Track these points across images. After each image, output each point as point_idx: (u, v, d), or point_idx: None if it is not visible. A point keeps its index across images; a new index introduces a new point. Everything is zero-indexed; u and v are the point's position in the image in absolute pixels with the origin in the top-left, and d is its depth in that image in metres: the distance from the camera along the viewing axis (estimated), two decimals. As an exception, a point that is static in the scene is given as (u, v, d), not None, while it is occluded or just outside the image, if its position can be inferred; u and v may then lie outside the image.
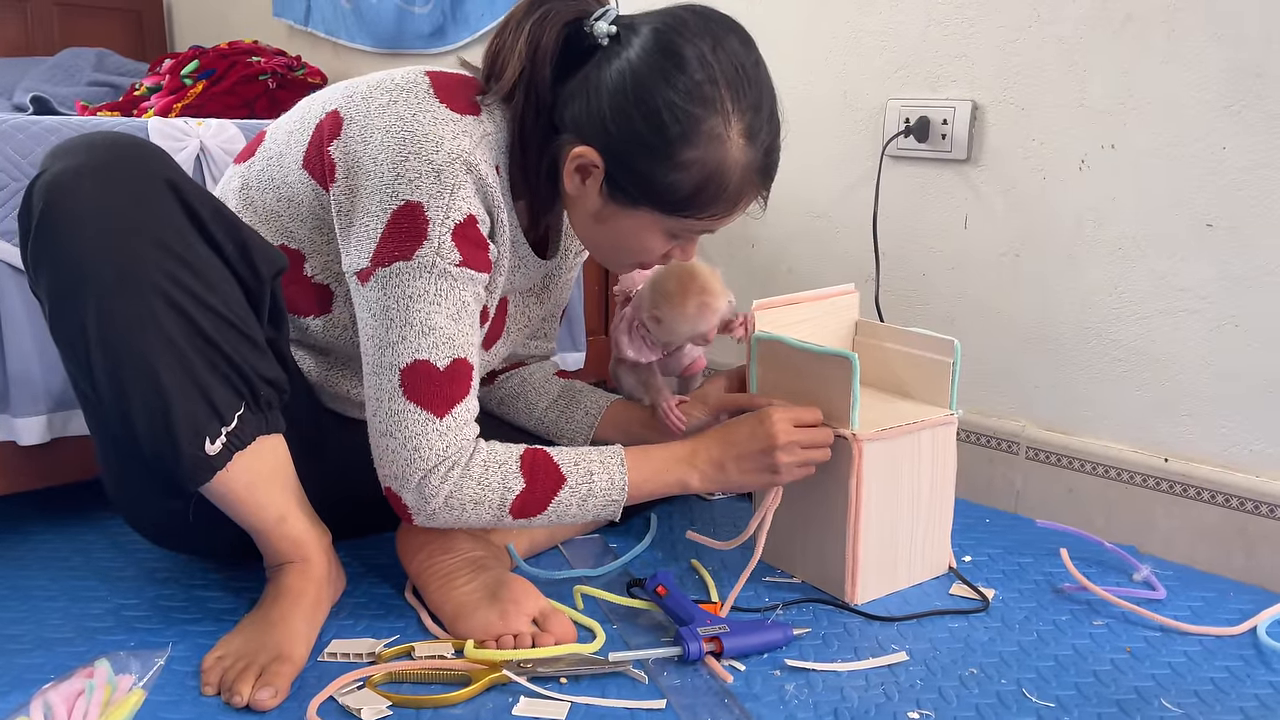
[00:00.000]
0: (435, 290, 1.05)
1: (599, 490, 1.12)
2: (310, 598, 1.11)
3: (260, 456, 1.07)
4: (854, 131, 1.67)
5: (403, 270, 1.04)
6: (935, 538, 1.30)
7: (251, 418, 1.05)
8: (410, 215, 1.04)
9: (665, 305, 1.28)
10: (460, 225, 1.05)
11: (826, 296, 1.38)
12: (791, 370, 1.26)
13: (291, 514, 1.12)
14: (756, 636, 1.11)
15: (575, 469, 1.12)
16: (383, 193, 1.05)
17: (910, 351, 1.34)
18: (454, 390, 1.06)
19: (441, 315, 1.05)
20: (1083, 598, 1.26)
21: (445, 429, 1.05)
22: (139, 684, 0.91)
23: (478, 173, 1.06)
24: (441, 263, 1.05)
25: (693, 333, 1.29)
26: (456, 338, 1.06)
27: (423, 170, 1.04)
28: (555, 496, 1.10)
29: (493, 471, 1.08)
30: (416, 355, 1.05)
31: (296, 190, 1.13)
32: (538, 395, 1.40)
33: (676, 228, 1.11)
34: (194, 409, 0.99)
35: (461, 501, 1.07)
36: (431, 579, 1.18)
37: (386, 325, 1.05)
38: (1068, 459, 1.48)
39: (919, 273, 1.62)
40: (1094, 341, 1.45)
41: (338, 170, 1.09)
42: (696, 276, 1.27)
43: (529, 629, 1.11)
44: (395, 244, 1.04)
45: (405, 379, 1.05)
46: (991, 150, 1.52)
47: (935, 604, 1.24)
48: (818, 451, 1.19)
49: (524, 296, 1.30)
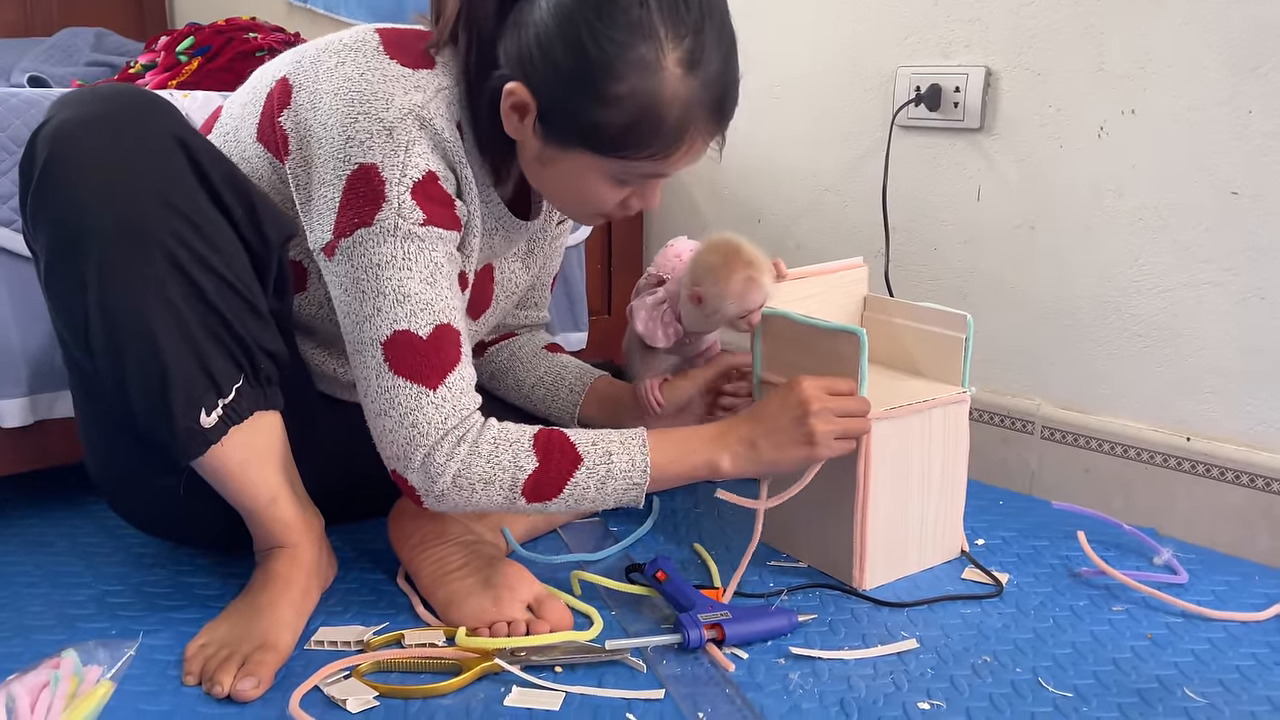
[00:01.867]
0: (404, 254, 0.99)
1: (618, 472, 1.04)
2: (299, 585, 1.07)
3: (256, 433, 1.03)
4: (863, 101, 1.62)
5: (365, 237, 0.99)
6: (947, 520, 1.25)
7: (250, 391, 1.01)
8: (365, 178, 0.99)
9: (708, 280, 1.19)
10: (420, 183, 1.00)
11: (834, 271, 1.33)
12: (797, 346, 1.21)
13: (283, 496, 1.08)
14: (760, 623, 1.07)
15: (593, 449, 1.04)
16: (335, 159, 1.00)
17: (921, 327, 1.29)
18: (443, 358, 1.00)
19: (415, 280, 1.00)
20: (1101, 582, 1.21)
21: (441, 400, 1.00)
22: (107, 675, 0.87)
23: (432, 128, 1.01)
24: (405, 224, 0.99)
25: (739, 311, 1.19)
26: (435, 302, 1.01)
27: (374, 130, 0.99)
28: (571, 478, 1.03)
29: (503, 449, 1.01)
30: (395, 326, 0.99)
31: (254, 165, 1.08)
32: (525, 371, 1.37)
33: (619, 171, 1.03)
34: (191, 377, 0.96)
35: (470, 481, 1.00)
36: (424, 565, 1.14)
37: (359, 299, 1.00)
38: (1085, 438, 1.43)
39: (930, 246, 1.57)
40: (1113, 316, 1.39)
41: (290, 141, 1.04)
42: (742, 250, 1.19)
43: (523, 616, 1.07)
44: (354, 211, 0.99)
45: (389, 353, 0.99)
46: (1006, 118, 1.46)
47: (947, 589, 1.19)
48: (856, 421, 1.10)
49: (509, 262, 1.25)
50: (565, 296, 1.87)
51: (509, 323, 1.39)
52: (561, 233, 1.35)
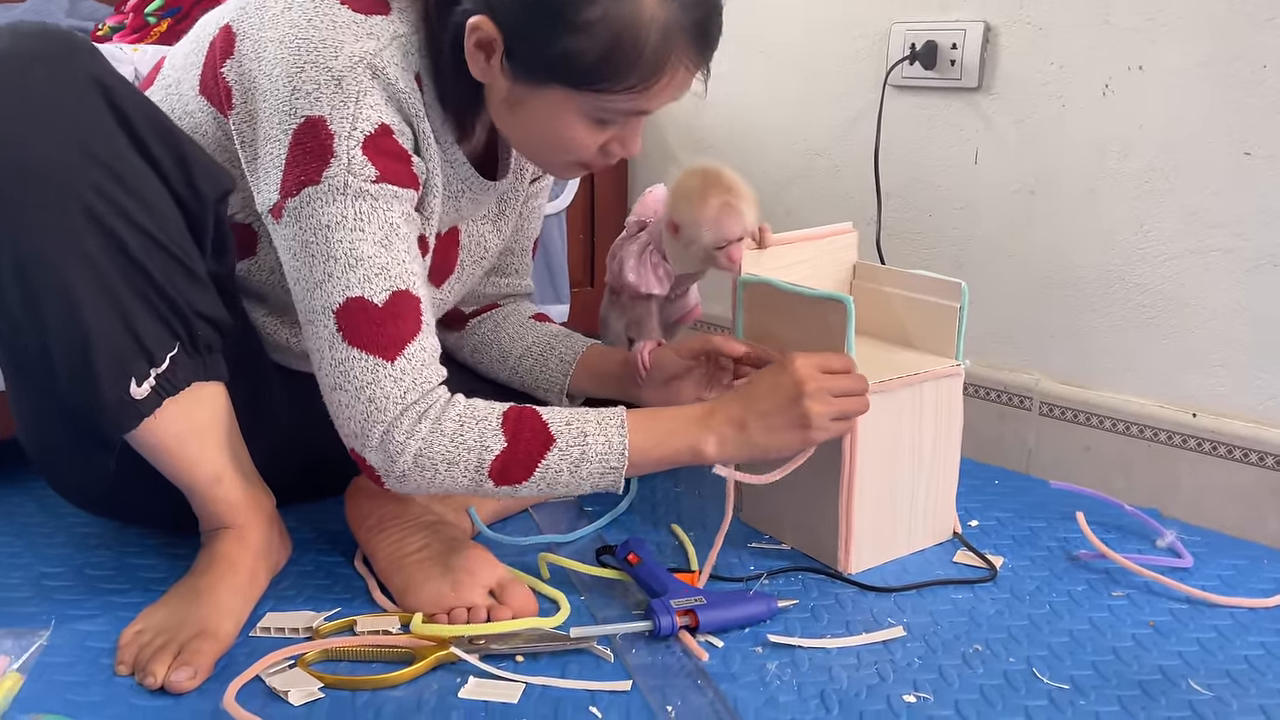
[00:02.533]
0: (355, 214, 0.92)
1: (593, 454, 0.96)
2: (245, 568, 1.01)
3: (195, 405, 0.96)
4: (855, 60, 1.54)
5: (313, 196, 0.92)
6: (938, 501, 1.18)
7: (186, 360, 0.94)
8: (312, 132, 0.91)
9: (684, 206, 1.13)
10: (371, 136, 0.92)
11: (822, 236, 1.26)
12: (780, 316, 1.14)
13: (229, 474, 1.01)
14: (736, 609, 1.00)
15: (567, 429, 0.96)
16: (281, 112, 0.92)
17: (913, 296, 1.21)
18: (401, 328, 0.93)
19: (368, 242, 0.92)
20: (1100, 566, 1.14)
21: (400, 372, 0.92)
22: (14, 666, 0.81)
23: (385, 78, 0.93)
24: (356, 181, 0.91)
25: (715, 239, 1.12)
26: (391, 266, 0.93)
27: (321, 80, 0.91)
28: (542, 460, 0.95)
29: (469, 428, 0.94)
30: (348, 293, 0.92)
31: (198, 120, 1.01)
32: (511, 343, 1.28)
33: (595, 108, 0.95)
34: (118, 343, 0.88)
35: (433, 460, 0.93)
36: (381, 546, 1.07)
37: (309, 264, 0.93)
38: (1085, 415, 1.36)
39: (925, 213, 1.49)
40: (1116, 285, 1.32)
41: (234, 94, 0.97)
42: (721, 176, 1.13)
43: (484, 601, 1.00)
44: (301, 168, 0.92)
45: (342, 321, 0.92)
46: (1005, 76, 1.38)
47: (937, 573, 1.13)
48: (853, 401, 1.02)
49: (478, 226, 1.18)
50: (545, 267, 1.80)
51: (489, 292, 1.31)
52: (537, 193, 1.27)
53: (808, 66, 1.60)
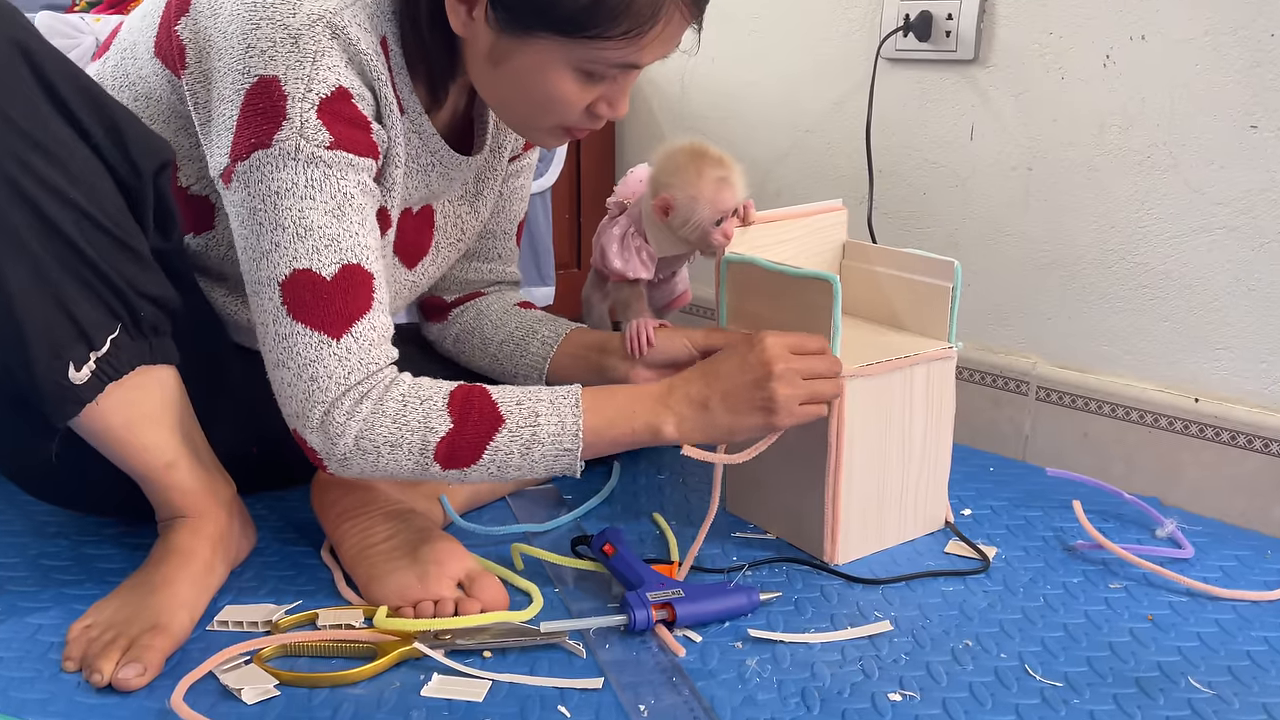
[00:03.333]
0: (306, 181, 0.87)
1: (545, 436, 0.92)
2: (201, 559, 0.96)
3: (143, 390, 0.92)
4: (847, 33, 1.48)
5: (263, 160, 0.87)
6: (930, 489, 1.14)
7: (130, 343, 0.89)
8: (265, 93, 0.86)
9: (677, 183, 1.08)
10: (327, 100, 0.87)
11: (809, 214, 1.21)
12: (765, 296, 1.09)
13: (183, 460, 0.97)
14: (716, 603, 0.96)
15: (517, 409, 0.93)
16: (234, 71, 0.88)
17: (904, 276, 1.16)
18: (350, 304, 0.89)
19: (318, 211, 0.88)
20: (1098, 557, 1.10)
21: (345, 351, 0.88)
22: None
23: (346, 37, 0.88)
24: (308, 146, 0.87)
25: (713, 214, 1.08)
26: (342, 238, 0.89)
27: (277, 37, 0.86)
28: (491, 441, 0.91)
29: (412, 408, 0.90)
30: (295, 264, 0.87)
31: (151, 84, 0.96)
32: (494, 329, 1.22)
33: (586, 59, 0.90)
34: (52, 325, 0.83)
35: (375, 443, 0.89)
36: (347, 536, 1.03)
37: (256, 232, 0.88)
38: (1084, 399, 1.31)
39: (918, 191, 1.44)
40: (1116, 265, 1.27)
41: (188, 52, 0.92)
42: (709, 150, 1.09)
43: (452, 594, 0.96)
44: (251, 130, 0.87)
45: (287, 294, 0.88)
46: (1003, 47, 1.33)
47: (928, 564, 1.08)
48: (825, 384, 0.98)
49: (454, 205, 1.13)
50: (530, 248, 1.75)
51: (471, 279, 1.25)
52: (518, 172, 1.22)
53: (797, 40, 1.55)
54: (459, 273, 1.24)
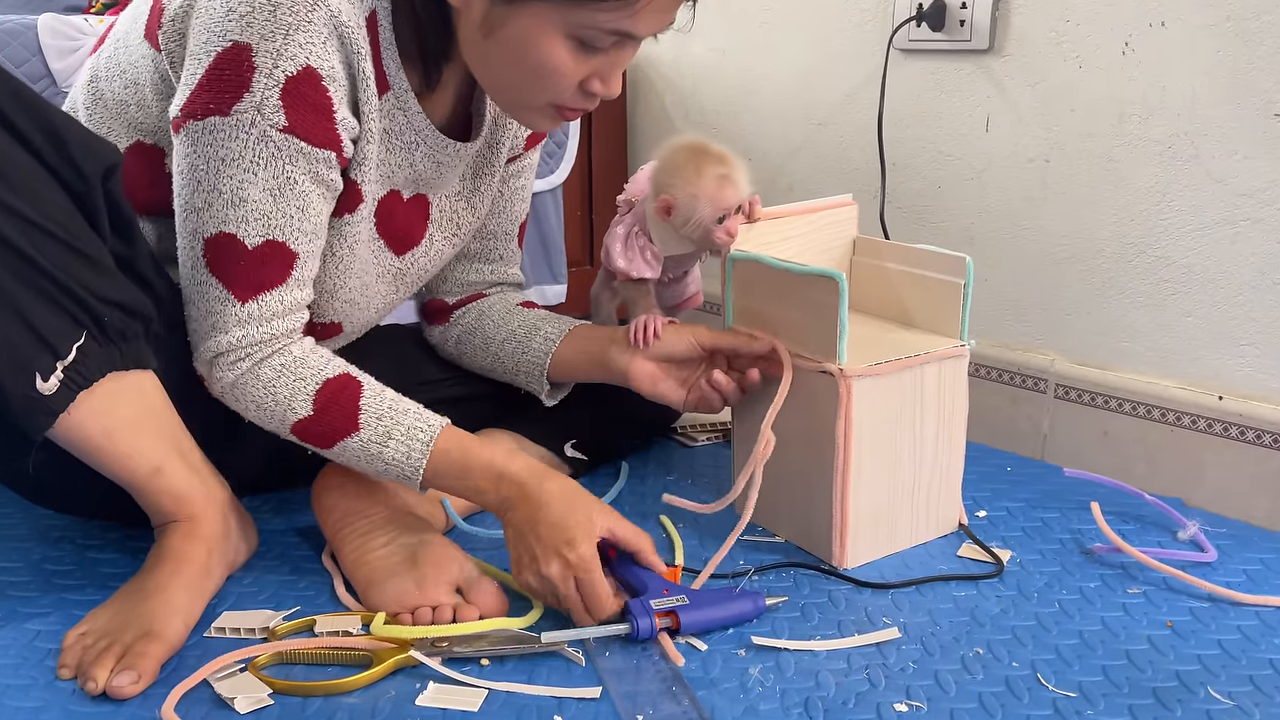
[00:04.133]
0: (253, 156, 0.89)
1: (389, 458, 0.96)
2: (196, 563, 0.95)
3: (118, 396, 0.90)
4: (859, 24, 1.45)
5: (216, 127, 0.89)
6: (942, 490, 1.11)
7: (97, 350, 0.88)
8: (234, 59, 0.87)
9: (678, 182, 1.06)
10: (293, 79, 0.87)
11: (818, 209, 1.18)
12: (771, 295, 1.07)
13: (170, 464, 0.96)
14: (721, 609, 0.94)
15: (375, 423, 0.96)
16: (210, 31, 0.88)
17: (915, 272, 1.14)
18: (263, 274, 0.93)
19: (257, 188, 0.90)
20: (1116, 560, 1.07)
21: (245, 316, 0.94)
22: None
23: (329, 10, 0.87)
24: (263, 123, 0.88)
25: (714, 213, 1.06)
26: (274, 216, 0.92)
27: (257, 4, 0.86)
28: (340, 441, 0.97)
29: (284, 383, 0.95)
30: (223, 227, 0.92)
31: (139, 68, 0.96)
32: (495, 328, 1.21)
33: (580, 25, 0.88)
34: (14, 339, 0.82)
35: (241, 399, 0.96)
36: (346, 539, 1.02)
37: (194, 188, 0.92)
38: (1103, 397, 1.28)
39: (933, 185, 1.41)
40: (1137, 259, 1.24)
41: (165, 15, 0.93)
42: (710, 147, 1.08)
43: (450, 600, 0.94)
44: (213, 93, 0.88)
45: (209, 250, 0.92)
46: (1018, 36, 1.30)
47: (939, 568, 1.05)
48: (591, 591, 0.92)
49: (450, 200, 1.11)
50: (541, 246, 1.74)
51: (473, 280, 1.24)
52: (519, 172, 1.20)
53: (809, 32, 1.52)
54: (460, 275, 1.23)
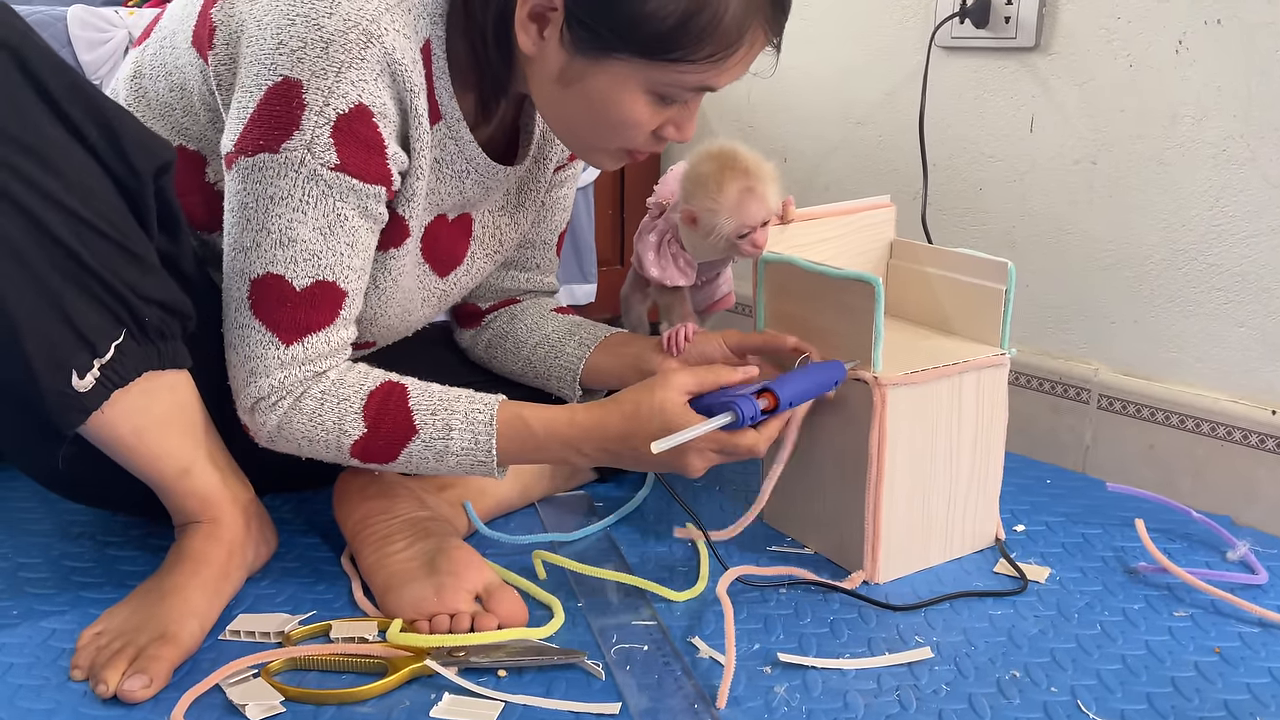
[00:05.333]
0: (302, 195, 0.87)
1: (457, 449, 0.93)
2: (216, 565, 0.94)
3: (152, 396, 0.90)
4: (900, 21, 1.41)
5: (266, 164, 0.86)
6: (979, 504, 1.07)
7: (136, 348, 0.87)
8: (285, 96, 0.85)
9: (700, 194, 1.03)
10: (344, 117, 0.85)
11: (854, 211, 1.15)
12: (804, 298, 1.04)
13: (198, 466, 0.95)
14: (808, 380, 0.96)
15: (432, 419, 0.93)
16: (261, 64, 0.86)
17: (955, 277, 1.10)
18: (310, 316, 0.90)
19: (307, 227, 0.88)
20: (1161, 581, 1.02)
21: (289, 359, 0.91)
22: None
23: (383, 47, 0.85)
24: (313, 162, 0.86)
25: (736, 227, 1.02)
26: (324, 256, 0.89)
27: (309, 39, 0.84)
28: (404, 448, 0.93)
29: (329, 407, 0.92)
30: (271, 268, 0.89)
31: (187, 74, 0.94)
32: (528, 332, 1.18)
33: (663, 82, 0.88)
34: (52, 334, 0.81)
35: (292, 437, 0.93)
36: (366, 543, 1.00)
37: (243, 226, 0.89)
38: (1149, 409, 1.23)
39: (974, 186, 1.37)
40: (1187, 266, 1.19)
41: (217, 34, 0.90)
42: (738, 157, 1.03)
43: (469, 608, 0.92)
44: (264, 130, 0.86)
45: (255, 292, 0.90)
46: (1066, 33, 1.25)
47: (976, 584, 1.02)
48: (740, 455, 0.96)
49: (494, 215, 1.09)
50: (572, 245, 1.71)
51: (508, 287, 1.21)
52: (563, 181, 1.18)
53: (849, 28, 1.48)
54: (495, 280, 1.20)
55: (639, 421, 0.93)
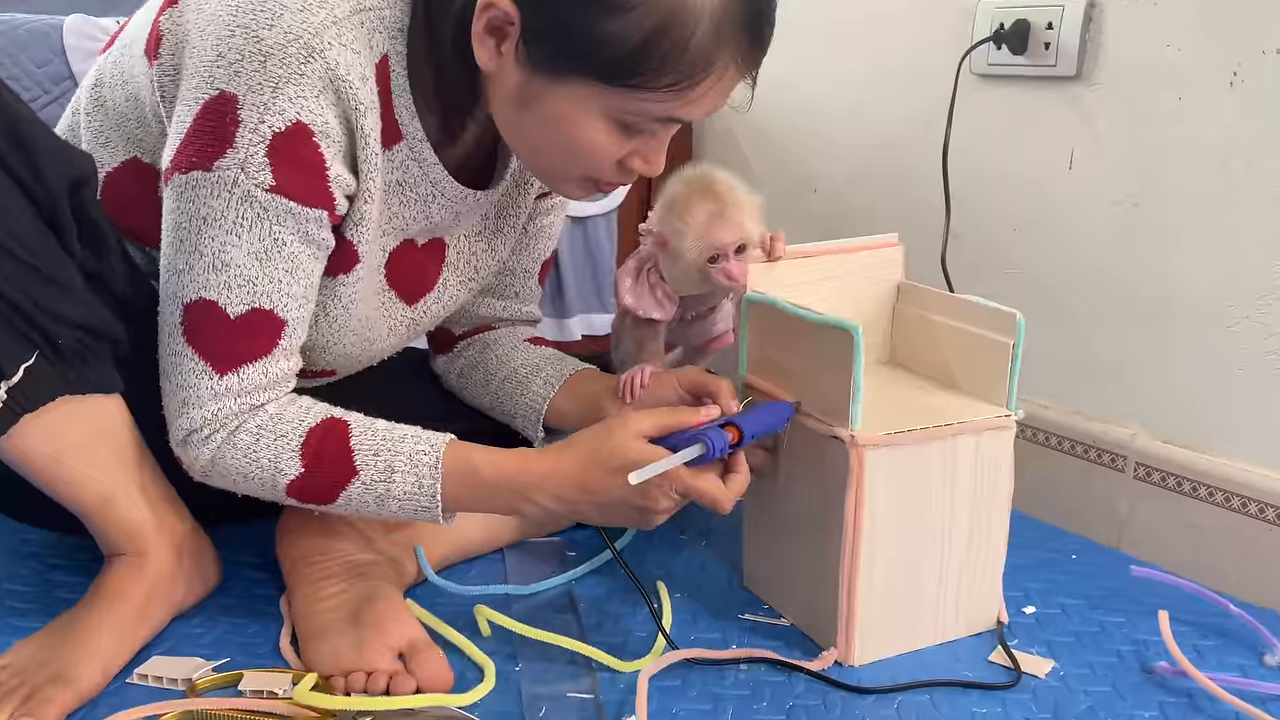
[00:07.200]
0: (236, 217, 0.81)
1: (399, 493, 0.87)
2: (133, 603, 0.89)
3: (71, 421, 0.85)
4: (935, 46, 1.31)
5: (200, 183, 0.81)
6: (978, 582, 0.96)
7: (49, 372, 0.82)
8: (220, 111, 0.80)
9: (669, 216, 0.97)
10: (281, 135, 0.80)
11: (856, 249, 1.05)
12: (786, 344, 0.94)
13: (123, 495, 0.90)
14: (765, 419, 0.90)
15: (374, 460, 0.86)
16: (200, 76, 0.81)
17: (962, 327, 0.99)
18: (246, 346, 0.84)
19: (241, 251, 0.82)
20: (1181, 686, 0.89)
21: (224, 389, 0.85)
22: None
23: (325, 62, 0.80)
24: (247, 182, 0.81)
25: (701, 251, 0.96)
26: (260, 282, 0.83)
27: (247, 52, 0.79)
28: (344, 490, 0.87)
29: (265, 444, 0.86)
30: (204, 293, 0.83)
31: (140, 84, 0.90)
32: (497, 365, 1.12)
33: (624, 110, 0.82)
34: None
35: (226, 473, 0.87)
36: (300, 584, 0.95)
37: (177, 248, 0.84)
38: (1192, 483, 1.10)
39: (1007, 227, 1.26)
40: (1239, 323, 1.06)
41: (164, 43, 0.86)
42: (715, 183, 0.97)
43: (389, 666, 0.85)
44: (198, 146, 0.81)
45: (188, 317, 0.84)
46: (1111, 62, 1.14)
47: (964, 674, 0.90)
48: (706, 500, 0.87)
49: (469, 240, 1.03)
50: (591, 273, 1.65)
51: (483, 314, 1.15)
52: (549, 209, 1.11)
53: (881, 55, 1.39)
54: (471, 307, 1.14)
55: (598, 465, 0.86)
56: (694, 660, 0.90)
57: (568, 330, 1.66)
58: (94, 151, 0.93)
